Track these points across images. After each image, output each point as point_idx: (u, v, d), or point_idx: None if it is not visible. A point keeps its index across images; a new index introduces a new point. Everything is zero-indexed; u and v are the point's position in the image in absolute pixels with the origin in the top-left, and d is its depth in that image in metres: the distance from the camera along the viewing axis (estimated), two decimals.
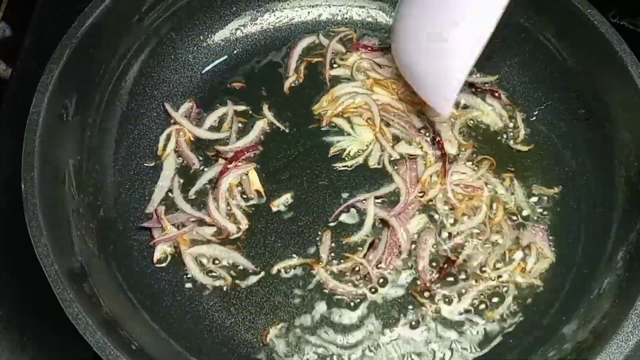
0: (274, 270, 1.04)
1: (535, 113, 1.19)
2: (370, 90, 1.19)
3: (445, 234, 1.07)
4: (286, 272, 1.04)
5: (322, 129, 1.16)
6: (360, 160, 1.13)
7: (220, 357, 0.97)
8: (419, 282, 1.03)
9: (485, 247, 1.06)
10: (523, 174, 1.13)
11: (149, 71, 1.17)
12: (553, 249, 1.06)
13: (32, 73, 1.00)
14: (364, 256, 1.05)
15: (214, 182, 1.10)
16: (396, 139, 1.16)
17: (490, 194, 1.10)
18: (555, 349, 0.93)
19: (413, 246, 1.06)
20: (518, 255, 1.05)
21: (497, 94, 1.20)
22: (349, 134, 1.16)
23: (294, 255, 1.05)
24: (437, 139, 1.14)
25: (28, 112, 0.94)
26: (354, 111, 1.18)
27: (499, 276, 1.04)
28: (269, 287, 1.03)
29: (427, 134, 1.16)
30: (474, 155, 1.14)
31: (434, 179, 1.11)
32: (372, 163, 1.13)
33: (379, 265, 1.04)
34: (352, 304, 1.02)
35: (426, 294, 1.02)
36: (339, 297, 1.02)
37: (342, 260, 1.05)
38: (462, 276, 1.04)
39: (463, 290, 1.03)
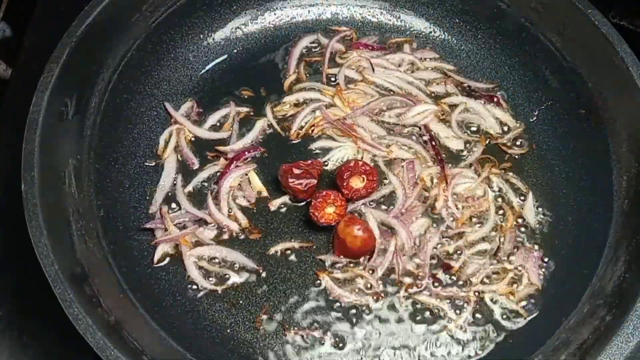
0: (271, 252, 1.05)
1: (535, 113, 1.19)
2: (331, 100, 1.19)
3: (449, 234, 1.07)
4: (286, 257, 1.05)
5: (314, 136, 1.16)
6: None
7: (220, 357, 0.98)
8: (418, 278, 1.04)
9: (480, 257, 1.06)
10: (523, 175, 1.13)
11: (149, 70, 1.17)
12: (542, 272, 1.05)
13: (32, 73, 1.00)
14: (365, 265, 1.04)
15: (214, 183, 1.10)
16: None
17: (498, 200, 1.11)
18: (555, 350, 0.94)
19: (417, 245, 1.06)
20: (508, 276, 1.05)
21: (496, 99, 1.20)
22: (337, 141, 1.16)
23: (295, 255, 1.06)
24: (432, 142, 1.14)
25: (28, 112, 0.94)
26: (322, 126, 1.16)
27: (482, 294, 1.03)
28: (269, 287, 1.03)
29: (422, 136, 1.16)
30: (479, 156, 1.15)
31: (435, 182, 1.11)
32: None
33: (391, 275, 1.04)
34: (354, 311, 1.02)
35: (417, 293, 1.03)
36: (341, 304, 1.02)
37: (346, 268, 1.05)
38: (450, 282, 1.04)
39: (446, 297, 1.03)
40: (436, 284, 1.03)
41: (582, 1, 1.08)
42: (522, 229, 1.09)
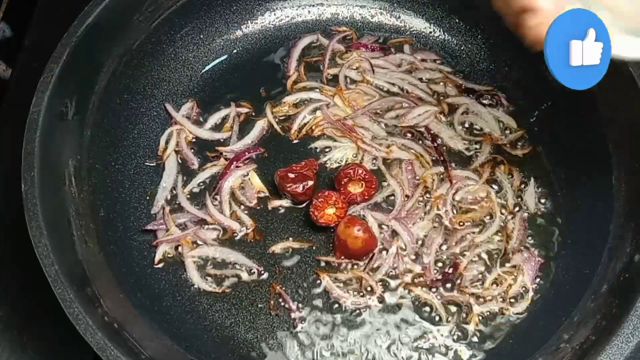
0: (271, 251, 1.05)
1: (535, 113, 1.18)
2: (331, 100, 1.19)
3: (453, 235, 1.07)
4: (286, 257, 1.05)
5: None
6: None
7: (220, 357, 0.98)
8: (422, 279, 1.04)
9: (484, 260, 1.06)
10: (523, 175, 1.13)
11: (148, 70, 1.17)
12: (536, 283, 1.05)
13: (32, 73, 0.99)
14: (365, 267, 1.04)
15: (214, 183, 1.10)
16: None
17: (501, 202, 1.11)
18: (555, 350, 0.93)
19: (420, 247, 1.06)
20: (508, 277, 1.05)
21: (496, 98, 1.20)
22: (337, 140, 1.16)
23: (295, 255, 1.06)
24: (435, 143, 1.14)
25: (28, 112, 0.94)
26: (322, 126, 1.16)
27: (482, 295, 1.03)
28: (270, 287, 1.03)
29: (424, 137, 1.16)
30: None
31: (437, 183, 1.11)
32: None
33: (392, 274, 1.04)
34: (353, 311, 1.02)
35: (425, 289, 1.03)
36: (341, 304, 1.02)
37: (346, 269, 1.05)
38: (453, 283, 1.04)
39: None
40: (438, 285, 1.03)
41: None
42: (523, 230, 1.09)
